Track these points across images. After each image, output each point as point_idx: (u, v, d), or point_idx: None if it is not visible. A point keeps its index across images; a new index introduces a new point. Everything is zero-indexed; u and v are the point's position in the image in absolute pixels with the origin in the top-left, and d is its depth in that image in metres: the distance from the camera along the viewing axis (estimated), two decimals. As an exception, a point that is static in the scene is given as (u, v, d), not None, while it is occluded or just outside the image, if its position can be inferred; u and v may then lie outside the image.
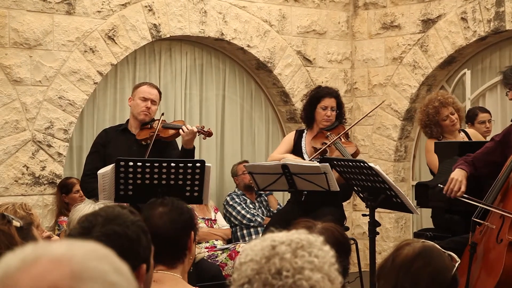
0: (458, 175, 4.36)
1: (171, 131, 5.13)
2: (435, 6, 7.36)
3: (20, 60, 6.08)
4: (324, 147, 5.34)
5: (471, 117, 6.42)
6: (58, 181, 6.24)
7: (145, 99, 5.15)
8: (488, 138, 6.03)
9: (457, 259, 2.27)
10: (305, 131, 5.66)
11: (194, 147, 5.11)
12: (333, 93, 5.57)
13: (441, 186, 4.43)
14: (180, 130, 5.02)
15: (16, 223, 2.21)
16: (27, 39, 6.11)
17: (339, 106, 5.58)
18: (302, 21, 7.61)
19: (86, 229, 1.86)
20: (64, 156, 6.33)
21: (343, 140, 5.48)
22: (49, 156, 6.23)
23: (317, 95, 5.57)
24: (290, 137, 5.71)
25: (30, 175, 6.14)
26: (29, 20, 6.12)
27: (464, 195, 4.28)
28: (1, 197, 5.86)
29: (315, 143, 5.46)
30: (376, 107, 6.52)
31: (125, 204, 4.70)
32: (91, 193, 4.92)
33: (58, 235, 5.89)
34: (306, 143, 5.58)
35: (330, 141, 5.37)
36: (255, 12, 7.33)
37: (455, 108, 5.52)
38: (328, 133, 5.48)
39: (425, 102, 5.64)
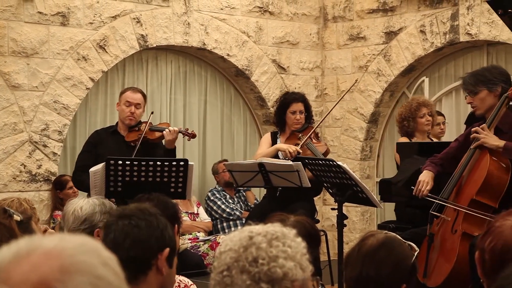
0: (425, 177, 4.31)
1: (157, 134, 5.11)
2: (397, 19, 7.41)
3: (18, 67, 6.03)
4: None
5: (427, 120, 6.47)
6: (53, 178, 6.20)
7: (129, 105, 5.09)
8: (443, 138, 6.15)
9: (416, 248, 2.29)
10: (279, 133, 5.67)
11: (175, 147, 5.08)
12: (299, 98, 5.54)
13: (412, 188, 4.36)
14: (164, 132, 4.99)
15: (17, 217, 2.18)
16: (25, 48, 6.06)
17: (307, 108, 5.56)
18: (277, 32, 7.63)
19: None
20: (59, 155, 6.29)
21: (314, 140, 5.50)
22: (45, 155, 6.19)
23: (285, 101, 5.54)
24: (268, 137, 5.70)
25: (27, 173, 6.09)
26: (27, 31, 6.07)
27: (429, 194, 4.25)
28: (0, 193, 5.81)
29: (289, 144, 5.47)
30: (347, 91, 6.54)
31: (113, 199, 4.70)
32: (82, 184, 4.88)
33: (53, 228, 5.85)
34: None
35: (301, 142, 5.39)
36: (234, 24, 7.33)
37: (432, 112, 5.56)
38: (300, 134, 5.49)
39: (409, 100, 5.74)
